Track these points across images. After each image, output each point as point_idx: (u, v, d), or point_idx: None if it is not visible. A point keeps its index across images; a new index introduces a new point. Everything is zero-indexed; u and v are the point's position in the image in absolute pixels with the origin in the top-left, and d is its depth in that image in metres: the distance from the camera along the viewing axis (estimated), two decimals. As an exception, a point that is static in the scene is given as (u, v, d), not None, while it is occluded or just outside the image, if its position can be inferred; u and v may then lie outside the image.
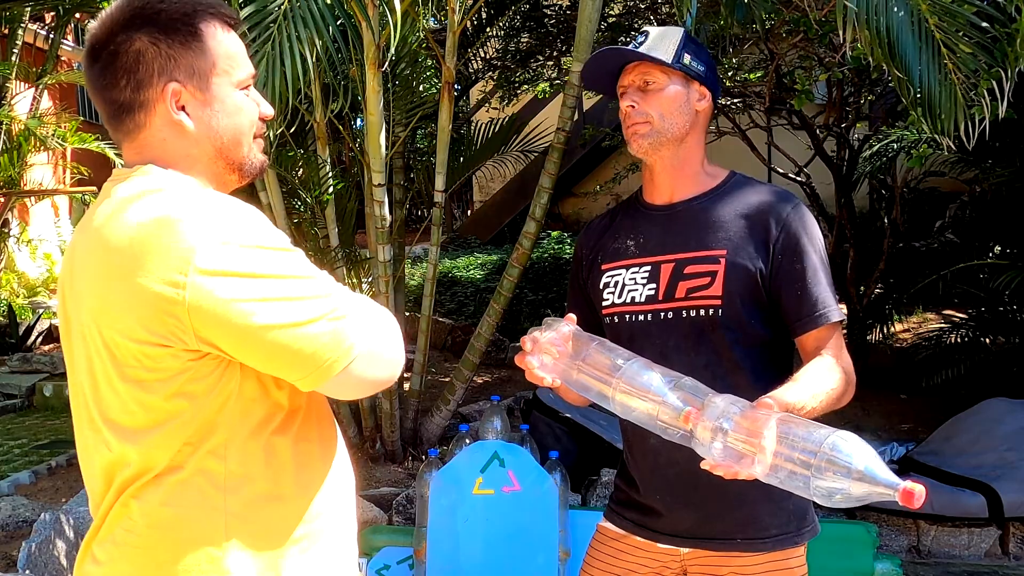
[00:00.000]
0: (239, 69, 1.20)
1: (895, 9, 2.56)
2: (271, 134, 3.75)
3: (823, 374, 1.48)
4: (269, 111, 1.25)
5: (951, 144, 2.68)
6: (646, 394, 1.32)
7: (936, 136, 2.63)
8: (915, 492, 1.11)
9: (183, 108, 1.15)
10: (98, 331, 1.09)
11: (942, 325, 6.00)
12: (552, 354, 1.41)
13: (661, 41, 1.60)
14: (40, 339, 7.92)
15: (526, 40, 6.28)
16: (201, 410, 1.10)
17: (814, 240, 1.58)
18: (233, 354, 1.09)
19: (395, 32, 3.00)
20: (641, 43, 1.61)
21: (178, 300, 1.03)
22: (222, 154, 1.19)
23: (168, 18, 1.14)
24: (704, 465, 1.26)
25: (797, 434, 1.18)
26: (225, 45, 1.18)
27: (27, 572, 3.08)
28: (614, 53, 1.65)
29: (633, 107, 1.61)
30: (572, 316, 1.46)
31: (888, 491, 1.12)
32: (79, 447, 1.21)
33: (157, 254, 1.04)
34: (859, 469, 1.13)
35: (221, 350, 1.08)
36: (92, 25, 1.18)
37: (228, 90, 1.18)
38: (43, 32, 9.68)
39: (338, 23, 3.06)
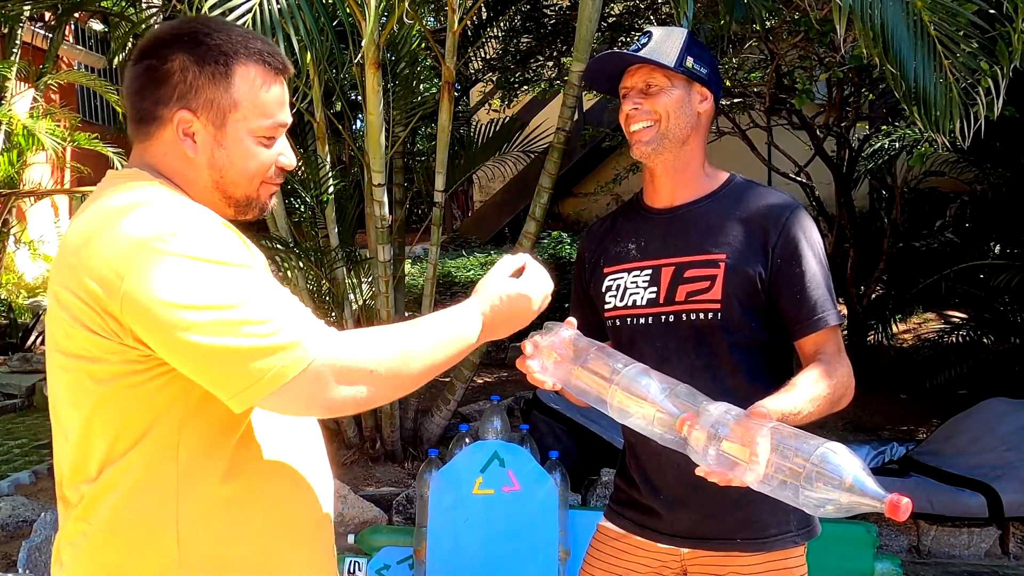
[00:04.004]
0: (264, 118, 1.19)
1: (889, 3, 2.55)
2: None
3: (820, 379, 1.49)
4: (291, 162, 1.24)
5: (946, 142, 2.67)
6: (642, 400, 1.32)
7: (932, 133, 2.63)
8: (901, 505, 1.12)
9: (191, 136, 1.17)
10: (58, 306, 1.11)
11: (942, 325, 6.00)
12: (552, 358, 1.41)
13: (665, 43, 1.60)
14: (40, 339, 7.91)
15: (526, 40, 6.27)
16: (143, 402, 1.09)
17: (813, 244, 1.59)
18: (165, 358, 1.07)
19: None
20: (645, 44, 1.61)
21: (112, 294, 1.04)
22: (220, 187, 1.20)
23: (208, 50, 1.16)
24: (698, 472, 1.26)
25: (789, 444, 1.19)
26: (256, 91, 1.18)
27: (27, 572, 3.08)
28: (617, 56, 1.65)
29: (637, 108, 1.60)
30: (572, 320, 1.46)
31: (875, 503, 1.13)
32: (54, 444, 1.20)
33: (106, 245, 1.06)
34: (848, 481, 1.14)
35: (153, 350, 1.07)
36: (152, 29, 1.20)
37: (244, 135, 1.18)
38: (43, 32, 9.66)
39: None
